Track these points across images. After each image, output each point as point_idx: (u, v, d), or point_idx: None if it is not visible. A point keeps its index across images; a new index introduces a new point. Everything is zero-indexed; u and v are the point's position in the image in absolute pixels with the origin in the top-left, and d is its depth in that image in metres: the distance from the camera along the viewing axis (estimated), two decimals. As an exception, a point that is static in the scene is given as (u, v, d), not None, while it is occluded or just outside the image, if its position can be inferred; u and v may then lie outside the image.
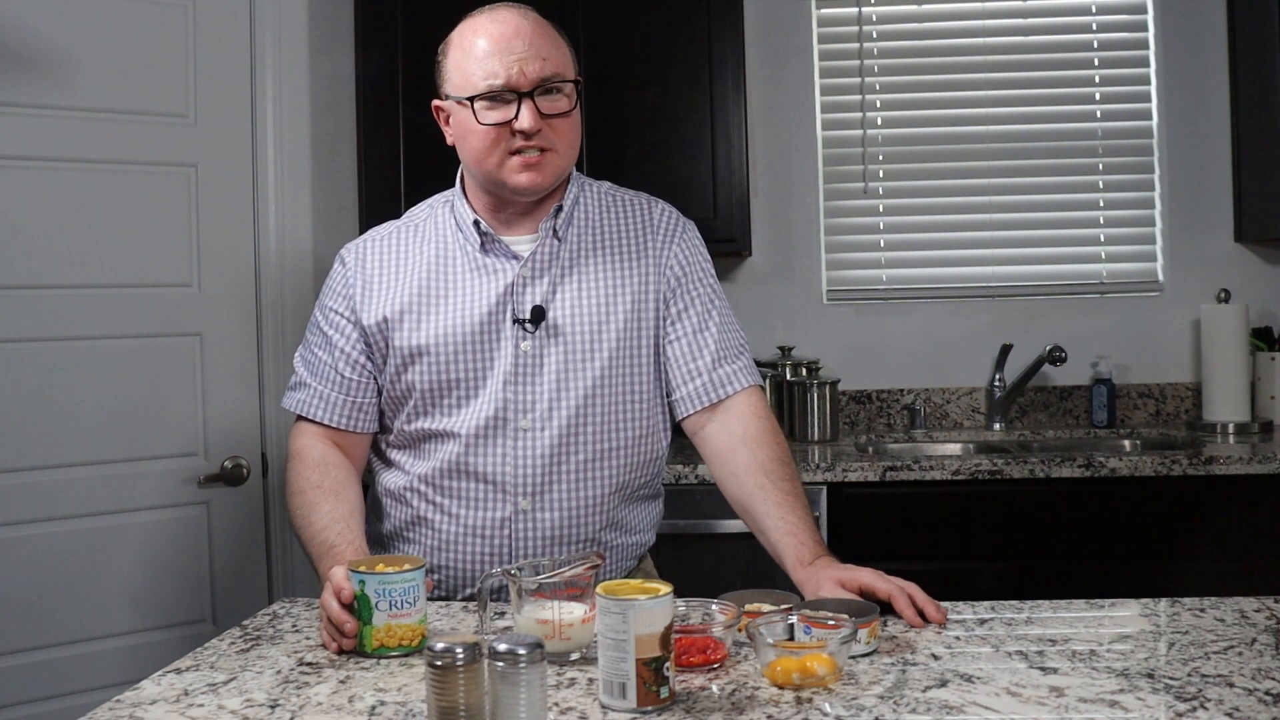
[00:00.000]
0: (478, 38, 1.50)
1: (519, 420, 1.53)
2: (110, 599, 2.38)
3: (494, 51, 1.48)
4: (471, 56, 1.50)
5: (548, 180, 1.53)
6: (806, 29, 3.21)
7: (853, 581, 1.38)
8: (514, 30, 1.49)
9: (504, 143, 1.50)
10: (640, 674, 1.06)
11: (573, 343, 1.55)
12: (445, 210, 1.63)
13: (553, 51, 1.51)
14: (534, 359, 1.54)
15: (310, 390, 1.62)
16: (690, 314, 1.61)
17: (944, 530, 2.56)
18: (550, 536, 1.55)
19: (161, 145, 2.47)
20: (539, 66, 1.49)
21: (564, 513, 1.55)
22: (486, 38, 1.49)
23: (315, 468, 1.58)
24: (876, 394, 3.19)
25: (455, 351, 1.54)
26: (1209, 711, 1.03)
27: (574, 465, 1.55)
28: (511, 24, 1.50)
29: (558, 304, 1.56)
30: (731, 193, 2.87)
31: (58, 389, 2.34)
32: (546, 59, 1.50)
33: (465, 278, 1.57)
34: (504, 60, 1.48)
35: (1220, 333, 2.96)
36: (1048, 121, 3.19)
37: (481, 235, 1.57)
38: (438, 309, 1.56)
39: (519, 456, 1.53)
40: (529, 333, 1.54)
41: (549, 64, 1.50)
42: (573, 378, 1.54)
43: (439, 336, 1.54)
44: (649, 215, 1.64)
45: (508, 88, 1.48)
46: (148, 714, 1.11)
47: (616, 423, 1.57)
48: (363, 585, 1.27)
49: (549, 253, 1.57)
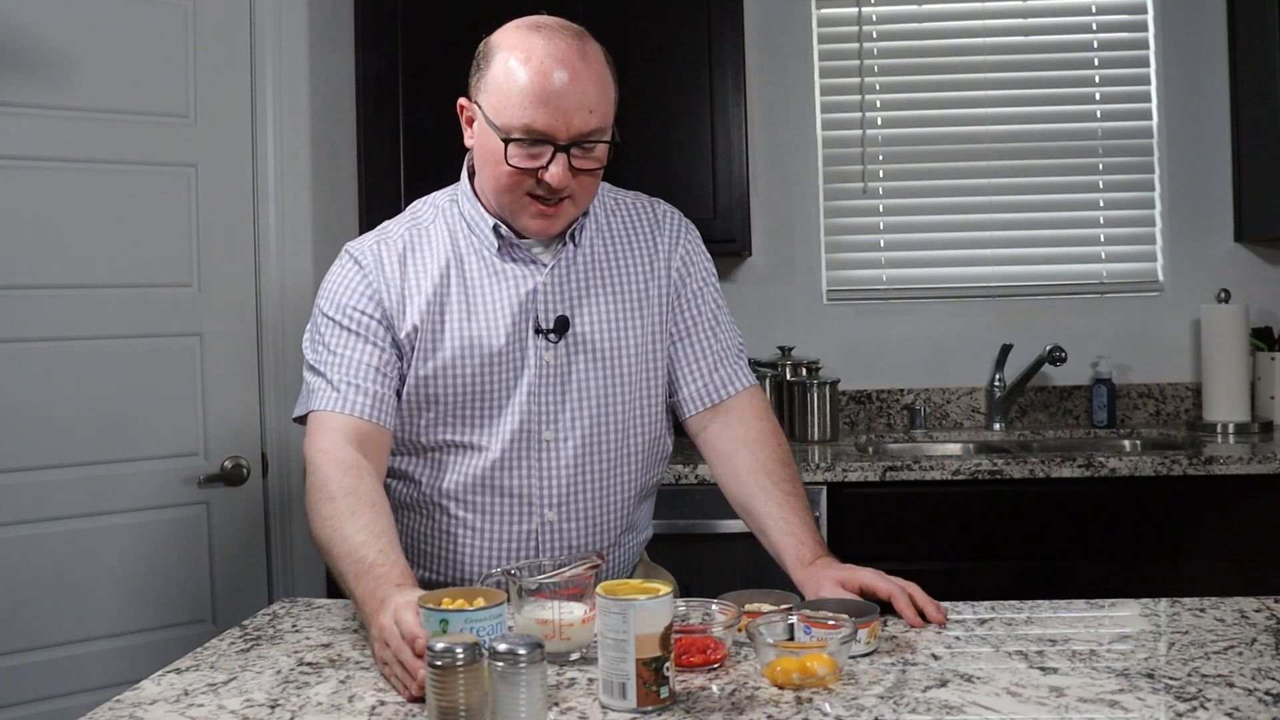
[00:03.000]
0: (529, 69, 1.38)
1: (543, 432, 1.51)
2: (110, 599, 2.38)
3: (542, 97, 1.37)
4: (516, 87, 1.38)
5: (558, 229, 1.50)
6: (806, 29, 3.21)
7: (853, 581, 1.38)
8: (570, 76, 1.38)
9: (526, 184, 1.43)
10: (640, 674, 1.06)
11: (596, 352, 1.52)
12: (453, 209, 1.57)
13: (600, 104, 1.41)
14: (556, 369, 1.51)
15: (344, 385, 1.47)
16: (693, 315, 1.61)
17: (944, 530, 2.56)
18: (576, 546, 1.53)
19: (161, 145, 2.47)
20: (583, 121, 1.40)
21: (589, 521, 1.54)
22: (539, 76, 1.38)
23: (348, 470, 1.41)
24: (876, 394, 3.18)
25: (482, 363, 1.49)
26: (1209, 711, 1.03)
27: (597, 474, 1.53)
28: (568, 67, 1.38)
29: (580, 313, 1.52)
30: (731, 193, 2.87)
31: (57, 389, 2.33)
32: (593, 113, 1.40)
33: (485, 284, 1.51)
34: (549, 109, 1.38)
35: (1220, 333, 2.96)
36: (1048, 121, 3.18)
37: (501, 239, 1.52)
38: (461, 318, 1.49)
39: (544, 469, 1.51)
40: (552, 343, 1.51)
41: (594, 118, 1.41)
42: (595, 386, 1.52)
43: (464, 348, 1.49)
44: (654, 216, 1.63)
45: (547, 137, 1.39)
46: (148, 714, 1.11)
47: (634, 427, 1.57)
48: (445, 626, 1.12)
49: (567, 260, 1.54)
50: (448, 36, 2.82)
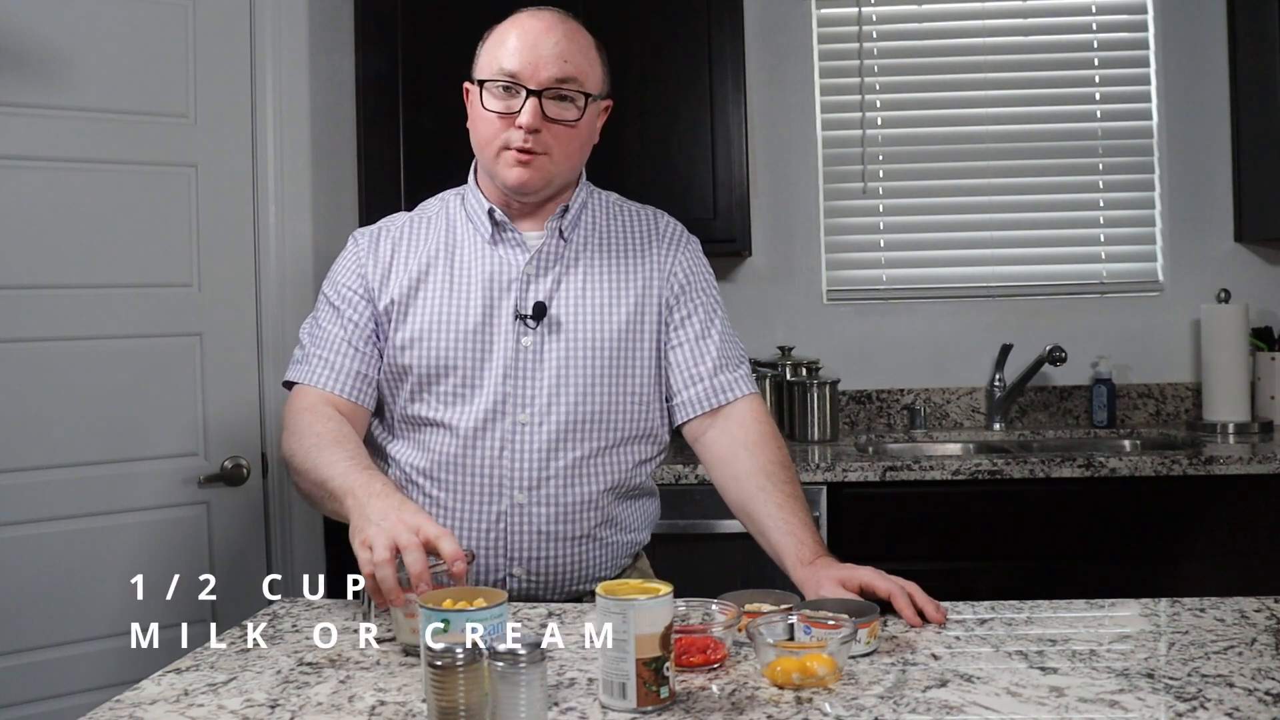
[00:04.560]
0: (513, 28, 1.53)
1: (518, 414, 1.55)
2: (110, 599, 2.38)
3: (520, 45, 1.50)
4: (500, 44, 1.53)
5: (536, 182, 1.55)
6: (806, 29, 3.21)
7: (853, 581, 1.38)
8: (545, 28, 1.52)
9: (504, 134, 1.52)
10: (640, 674, 1.06)
11: (573, 339, 1.56)
12: (456, 202, 1.66)
13: (577, 59, 1.53)
14: (534, 354, 1.55)
15: (318, 361, 1.59)
16: (693, 321, 1.64)
17: (944, 530, 2.56)
18: (545, 531, 1.56)
19: (161, 145, 2.47)
20: (557, 68, 1.50)
21: (559, 508, 1.56)
22: (519, 30, 1.52)
23: (327, 420, 1.52)
24: (876, 394, 3.18)
25: (456, 337, 1.55)
26: (1209, 711, 1.03)
27: (570, 461, 1.56)
28: (546, 23, 1.53)
29: (560, 300, 1.57)
30: (731, 193, 2.87)
31: (58, 389, 2.33)
32: (568, 62, 1.51)
33: (471, 266, 1.59)
34: (525, 54, 1.50)
35: (1220, 333, 2.96)
36: (1048, 121, 3.19)
37: (495, 224, 1.59)
38: (441, 292, 1.57)
39: (516, 450, 1.54)
40: (530, 328, 1.55)
41: (568, 67, 1.51)
42: (572, 374, 1.56)
43: (438, 320, 1.56)
44: (655, 224, 1.68)
45: (518, 81, 1.50)
46: (148, 714, 1.11)
47: (613, 421, 1.59)
48: (446, 626, 1.12)
49: (553, 250, 1.60)
50: (448, 36, 2.82)
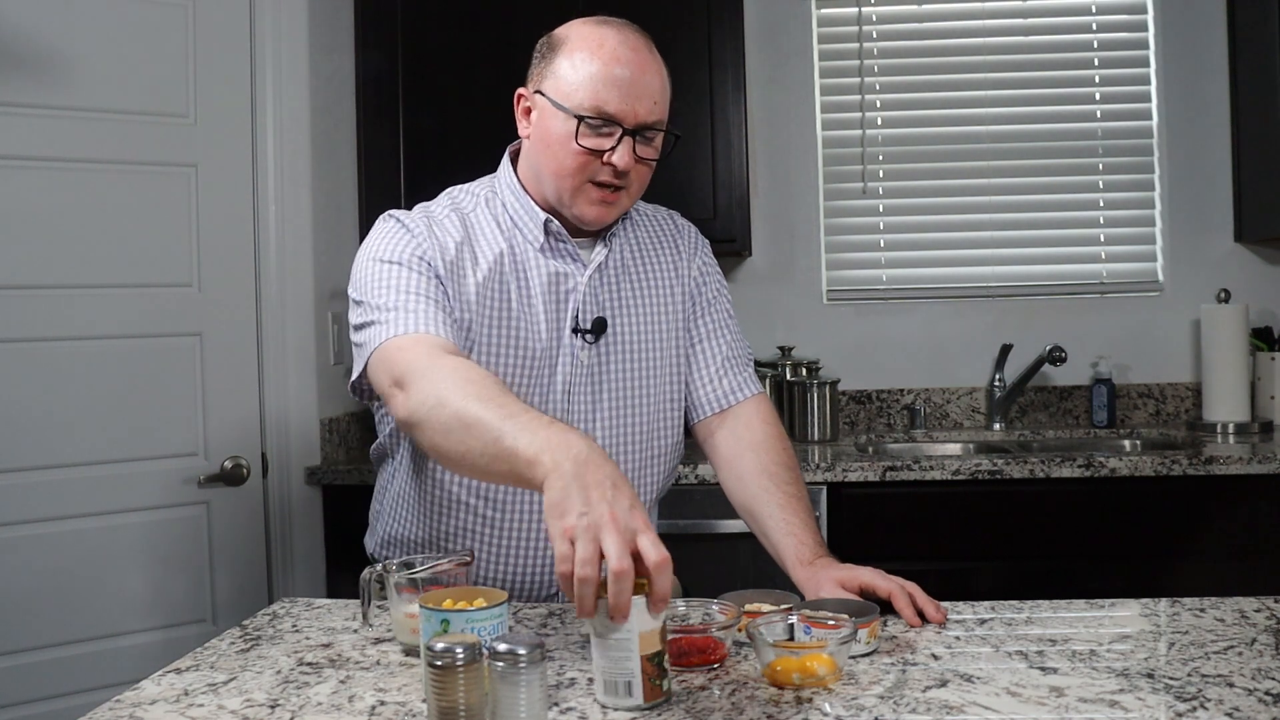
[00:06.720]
0: (603, 55, 1.44)
1: None
2: (110, 599, 2.38)
3: (614, 82, 1.43)
4: (590, 72, 1.44)
5: (612, 218, 1.53)
6: (806, 29, 3.21)
7: (853, 581, 1.38)
8: (640, 65, 1.45)
9: (590, 169, 1.46)
10: (645, 669, 1.06)
11: (629, 354, 1.56)
12: (496, 202, 1.56)
13: (662, 97, 1.49)
14: (590, 369, 1.54)
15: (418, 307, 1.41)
16: (705, 322, 1.66)
17: (944, 530, 2.56)
18: None
19: (161, 145, 2.47)
20: (650, 110, 1.46)
21: None
22: (613, 62, 1.44)
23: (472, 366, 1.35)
24: (876, 394, 3.19)
25: (523, 359, 1.50)
26: (1209, 711, 1.03)
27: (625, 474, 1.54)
28: (639, 56, 1.46)
29: (617, 315, 1.56)
30: (731, 193, 2.87)
31: (58, 389, 2.33)
32: (658, 103, 1.48)
33: (531, 280, 1.52)
34: (624, 92, 1.43)
35: (1220, 333, 2.96)
36: (1048, 121, 3.19)
37: (549, 234, 1.53)
38: (506, 311, 1.50)
39: None
40: (589, 344, 1.54)
41: (658, 109, 1.48)
42: (626, 389, 1.56)
43: (509, 344, 1.50)
44: (674, 227, 1.69)
45: (616, 120, 1.44)
46: (148, 714, 1.11)
47: (658, 431, 1.60)
48: (446, 626, 1.13)
49: (607, 263, 1.57)
50: (448, 36, 2.82)
